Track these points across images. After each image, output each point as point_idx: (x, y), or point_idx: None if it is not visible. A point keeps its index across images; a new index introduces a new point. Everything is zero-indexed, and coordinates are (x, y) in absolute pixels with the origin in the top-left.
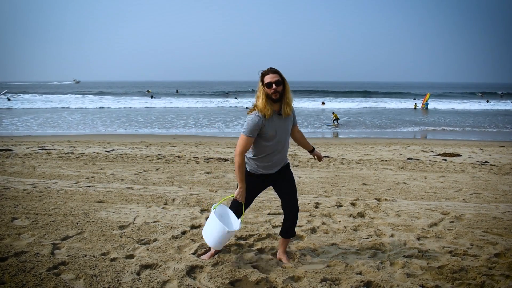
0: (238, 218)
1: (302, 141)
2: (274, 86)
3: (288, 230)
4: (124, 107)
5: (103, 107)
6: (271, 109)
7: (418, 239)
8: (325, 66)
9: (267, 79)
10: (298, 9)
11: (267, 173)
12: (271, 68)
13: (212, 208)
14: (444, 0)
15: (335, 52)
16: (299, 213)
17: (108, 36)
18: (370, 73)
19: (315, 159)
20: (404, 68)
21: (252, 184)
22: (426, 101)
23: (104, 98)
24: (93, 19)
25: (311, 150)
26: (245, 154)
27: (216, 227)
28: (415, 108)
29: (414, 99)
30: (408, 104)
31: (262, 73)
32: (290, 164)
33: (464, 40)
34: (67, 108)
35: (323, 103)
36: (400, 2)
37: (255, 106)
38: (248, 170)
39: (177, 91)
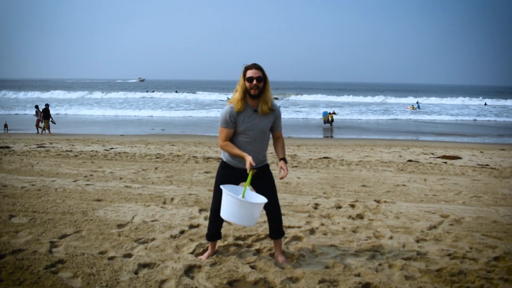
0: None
1: (276, 148)
2: (255, 81)
3: (274, 231)
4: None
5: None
6: (243, 103)
7: (417, 241)
8: (326, 67)
9: (249, 73)
10: (301, 9)
11: (241, 168)
12: (255, 64)
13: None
14: (447, 2)
15: (337, 53)
16: (298, 214)
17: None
18: (373, 75)
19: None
20: (406, 70)
21: (228, 177)
22: (417, 103)
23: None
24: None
25: (280, 159)
26: None
27: (239, 203)
28: (412, 108)
29: (417, 102)
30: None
31: (245, 67)
32: (290, 164)
33: (468, 42)
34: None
35: (334, 113)
36: (402, 3)
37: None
38: (224, 159)
39: (176, 91)
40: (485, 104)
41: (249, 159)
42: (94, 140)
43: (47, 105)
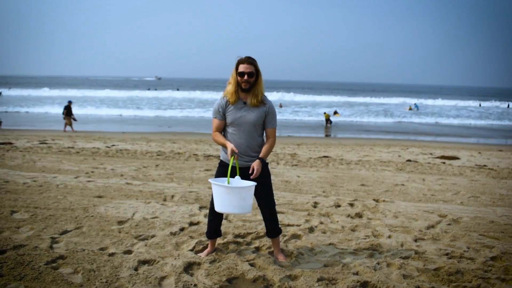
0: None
1: (263, 147)
2: (246, 77)
3: (270, 229)
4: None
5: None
6: (237, 96)
7: (415, 240)
8: (323, 67)
9: (241, 68)
10: (310, 9)
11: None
12: (248, 57)
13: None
14: (454, 3)
15: (343, 53)
16: (297, 212)
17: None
18: (379, 75)
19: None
20: (403, 70)
21: (225, 175)
22: (415, 104)
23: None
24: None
25: (257, 157)
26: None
27: (232, 191)
28: (410, 109)
29: (415, 104)
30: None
31: (238, 60)
32: (290, 163)
33: (463, 43)
34: None
35: (335, 112)
36: (410, 5)
37: (225, 91)
38: (221, 158)
39: (177, 89)
40: (480, 105)
41: (230, 146)
42: (95, 137)
43: (69, 102)
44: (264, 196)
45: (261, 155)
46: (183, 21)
